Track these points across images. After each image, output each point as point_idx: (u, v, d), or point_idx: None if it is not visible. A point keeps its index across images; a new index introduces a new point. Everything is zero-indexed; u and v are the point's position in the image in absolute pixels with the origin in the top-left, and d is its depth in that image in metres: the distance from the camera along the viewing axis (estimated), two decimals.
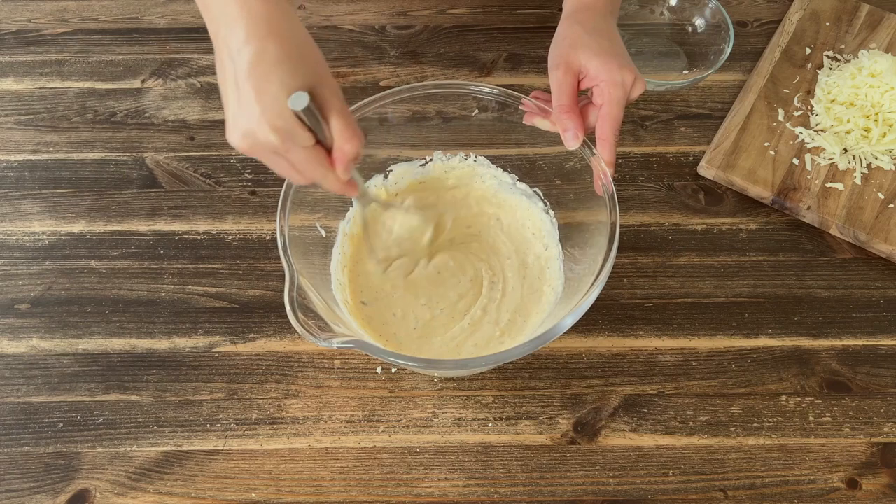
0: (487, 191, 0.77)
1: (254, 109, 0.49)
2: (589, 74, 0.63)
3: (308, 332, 0.56)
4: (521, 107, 0.68)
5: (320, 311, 0.59)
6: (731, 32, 0.86)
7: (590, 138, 0.65)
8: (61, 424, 0.69)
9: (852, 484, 0.66)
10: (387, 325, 0.70)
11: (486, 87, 0.69)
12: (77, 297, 0.76)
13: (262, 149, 0.52)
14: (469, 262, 0.73)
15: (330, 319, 0.59)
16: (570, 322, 0.58)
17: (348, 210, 0.74)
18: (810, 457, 0.68)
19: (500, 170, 0.76)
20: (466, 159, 0.76)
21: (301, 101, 0.49)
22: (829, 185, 0.80)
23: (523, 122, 0.68)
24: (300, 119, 0.50)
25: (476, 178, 0.77)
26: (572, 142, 0.64)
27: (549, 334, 0.58)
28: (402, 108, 0.71)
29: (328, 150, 0.54)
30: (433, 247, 0.72)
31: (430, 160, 0.76)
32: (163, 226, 0.80)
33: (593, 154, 0.65)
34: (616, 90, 0.62)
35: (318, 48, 0.53)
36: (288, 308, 0.57)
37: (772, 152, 0.82)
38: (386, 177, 0.76)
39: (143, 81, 0.90)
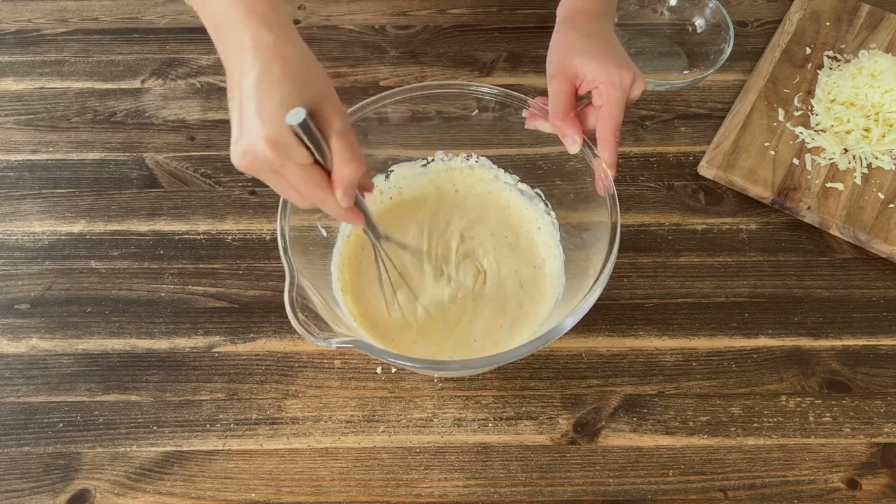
0: (489, 193, 0.77)
1: (253, 125, 0.50)
2: (587, 78, 0.63)
3: (308, 331, 0.56)
4: (523, 115, 0.68)
5: (320, 311, 0.59)
6: (731, 32, 0.86)
7: (591, 139, 0.65)
8: (61, 424, 0.69)
9: (852, 484, 0.66)
10: (387, 326, 0.69)
11: (486, 88, 0.69)
12: (77, 297, 0.76)
13: (260, 166, 0.52)
14: (470, 262, 0.73)
15: (330, 319, 0.59)
16: (571, 323, 0.58)
17: None
18: (810, 457, 0.68)
19: (501, 170, 0.76)
20: (468, 159, 0.76)
21: (297, 116, 0.49)
22: (829, 185, 0.80)
23: (526, 126, 0.68)
24: (298, 136, 0.50)
25: (478, 180, 0.77)
26: (572, 146, 0.65)
27: (549, 335, 0.58)
28: (403, 108, 0.71)
29: (329, 173, 0.54)
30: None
31: (432, 160, 0.76)
32: (163, 226, 0.80)
33: (595, 155, 0.65)
34: (614, 91, 0.62)
35: (324, 71, 0.54)
36: (288, 308, 0.57)
37: (772, 152, 0.82)
38: (387, 177, 0.76)
39: (142, 81, 0.90)
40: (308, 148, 0.51)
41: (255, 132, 0.50)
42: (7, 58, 0.92)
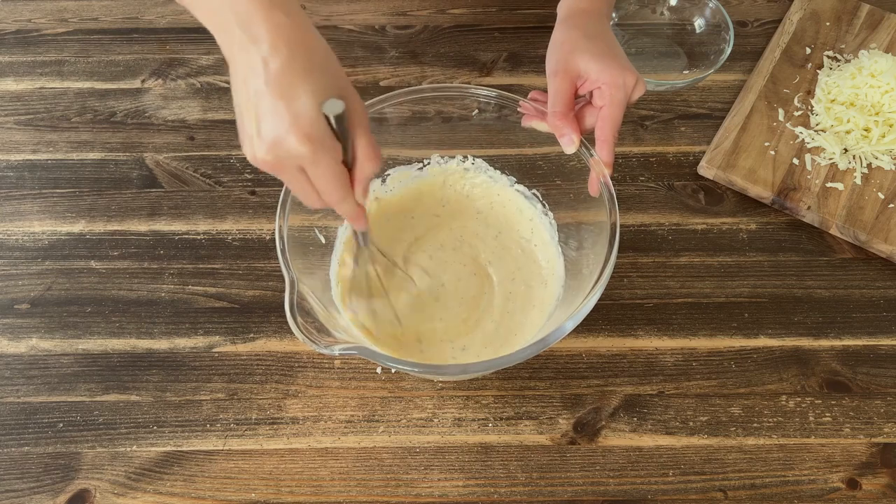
0: (486, 195, 0.77)
1: (283, 118, 0.47)
2: (590, 78, 0.63)
3: (309, 338, 0.55)
4: (518, 109, 0.68)
5: (320, 316, 0.58)
6: (731, 32, 0.86)
7: (588, 139, 0.65)
8: (61, 424, 0.69)
9: (852, 484, 0.66)
10: (387, 331, 0.69)
11: (486, 91, 0.69)
12: (77, 297, 0.76)
13: (288, 161, 0.49)
14: (468, 265, 0.73)
15: (330, 325, 0.58)
16: (571, 326, 0.58)
17: None
18: (810, 457, 0.68)
19: (497, 172, 0.76)
20: (464, 161, 0.76)
21: (336, 107, 0.47)
22: (829, 185, 0.80)
23: (522, 124, 0.68)
24: (332, 129, 0.49)
25: (475, 183, 0.77)
26: (569, 146, 0.65)
27: (550, 338, 0.57)
28: (402, 108, 0.71)
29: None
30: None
31: (428, 163, 0.76)
32: (163, 226, 0.80)
33: (592, 155, 0.65)
34: (618, 92, 0.62)
35: (340, 64, 0.52)
36: (288, 314, 0.56)
37: (772, 152, 0.82)
38: (384, 181, 0.76)
39: (142, 81, 0.90)
40: (341, 143, 0.50)
41: (287, 126, 0.47)
42: (7, 58, 0.92)
